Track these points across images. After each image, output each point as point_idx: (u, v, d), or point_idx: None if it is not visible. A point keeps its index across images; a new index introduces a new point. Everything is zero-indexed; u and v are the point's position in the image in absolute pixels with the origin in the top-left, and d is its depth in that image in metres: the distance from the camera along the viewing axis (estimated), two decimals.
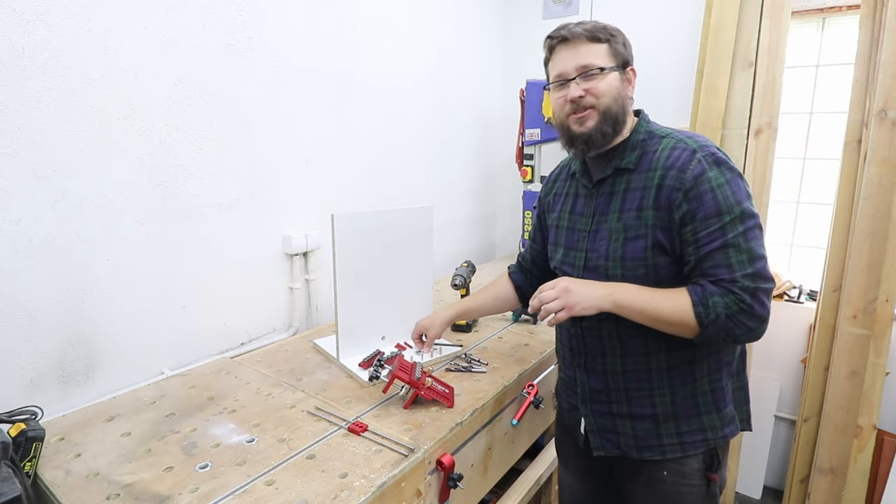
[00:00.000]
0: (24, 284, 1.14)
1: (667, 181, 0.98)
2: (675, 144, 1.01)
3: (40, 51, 1.11)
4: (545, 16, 2.60)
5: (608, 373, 1.09)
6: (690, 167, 0.96)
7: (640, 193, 1.01)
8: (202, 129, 1.43)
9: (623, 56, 1.04)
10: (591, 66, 1.01)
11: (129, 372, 1.35)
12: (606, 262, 1.04)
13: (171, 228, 1.40)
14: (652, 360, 1.05)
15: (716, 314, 0.93)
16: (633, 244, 1.01)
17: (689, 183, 0.95)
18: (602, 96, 1.01)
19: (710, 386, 1.06)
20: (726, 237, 0.94)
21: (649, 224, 0.99)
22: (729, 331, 0.94)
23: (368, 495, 0.90)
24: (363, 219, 1.38)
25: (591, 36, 1.02)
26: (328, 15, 1.76)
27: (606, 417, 1.11)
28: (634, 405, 1.08)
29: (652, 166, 1.01)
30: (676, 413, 1.06)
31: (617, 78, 1.02)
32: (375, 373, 1.25)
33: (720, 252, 0.94)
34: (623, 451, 1.10)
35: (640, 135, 1.05)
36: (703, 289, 0.94)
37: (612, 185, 1.06)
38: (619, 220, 1.03)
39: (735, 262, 0.94)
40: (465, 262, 1.79)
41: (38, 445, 0.94)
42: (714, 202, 0.94)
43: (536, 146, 2.28)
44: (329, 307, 1.83)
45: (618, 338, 1.06)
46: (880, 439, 1.90)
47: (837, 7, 2.03)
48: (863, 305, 1.84)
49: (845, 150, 1.86)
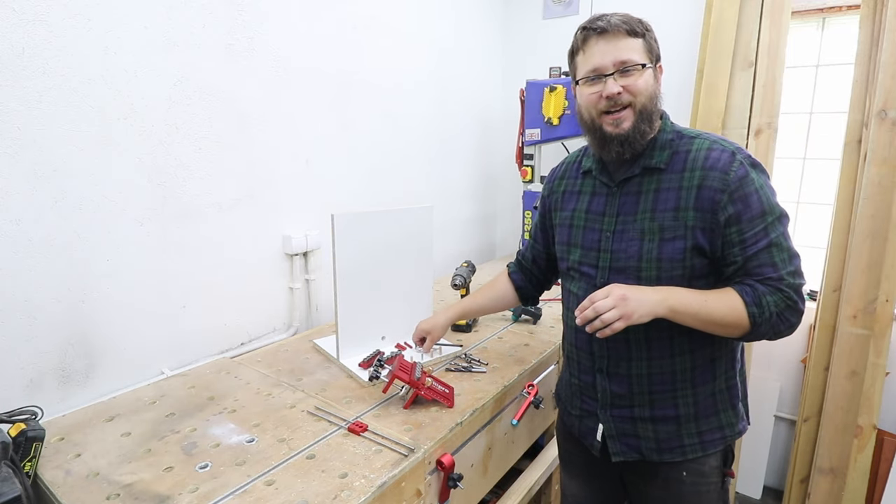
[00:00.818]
0: (24, 284, 1.14)
1: (708, 181, 0.96)
2: (711, 146, 0.99)
3: (40, 51, 1.11)
4: (545, 16, 2.60)
5: (633, 376, 1.06)
6: (733, 169, 0.95)
7: (676, 194, 0.99)
8: (202, 128, 1.43)
9: (656, 51, 1.01)
10: (630, 62, 0.97)
11: (129, 372, 1.35)
12: (639, 262, 1.01)
13: (171, 228, 1.40)
14: (677, 362, 1.04)
15: (770, 313, 0.94)
16: (671, 245, 0.99)
17: (734, 184, 0.95)
18: (640, 94, 0.98)
19: (727, 383, 1.08)
20: (770, 237, 0.95)
21: (689, 225, 0.97)
22: (776, 327, 0.95)
23: (368, 495, 0.90)
24: (363, 219, 1.38)
25: (629, 29, 0.97)
26: (328, 15, 1.76)
27: (627, 422, 1.09)
28: (657, 408, 1.06)
29: (688, 166, 0.99)
30: (697, 413, 1.06)
31: (652, 75, 1.00)
32: (375, 373, 1.25)
33: (766, 252, 0.95)
34: (643, 456, 1.08)
35: (669, 134, 1.04)
36: (754, 289, 0.95)
37: (639, 185, 1.04)
38: (654, 220, 1.00)
39: (779, 260, 0.95)
40: (465, 262, 1.79)
41: (38, 445, 0.94)
42: (759, 203, 0.95)
43: (536, 146, 2.28)
44: (329, 307, 1.83)
45: (645, 341, 1.04)
46: (880, 439, 1.90)
47: (837, 7, 2.04)
48: (863, 305, 1.84)
49: (845, 150, 1.86)
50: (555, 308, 1.90)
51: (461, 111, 2.53)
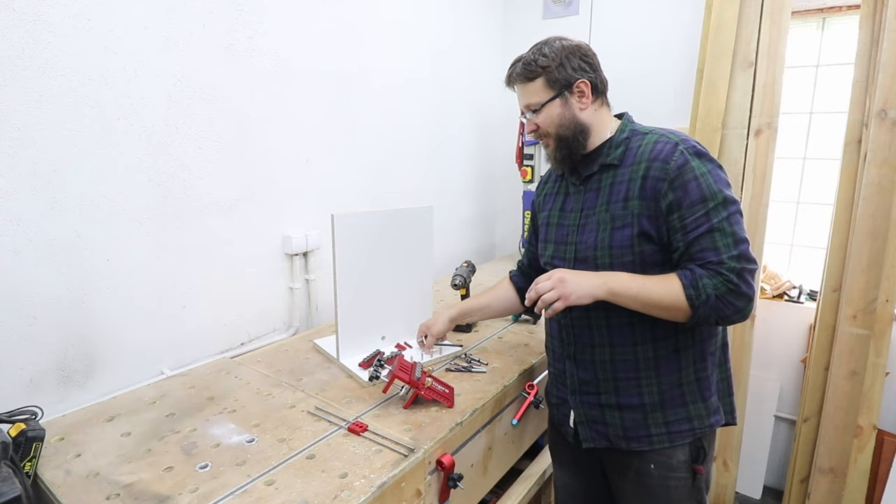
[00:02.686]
0: (24, 284, 1.14)
1: (651, 172, 1.03)
2: (658, 139, 1.06)
3: (40, 51, 1.11)
4: (545, 16, 2.60)
5: (597, 363, 1.12)
6: (674, 158, 1.01)
7: (626, 185, 1.06)
8: (202, 128, 1.43)
9: (561, 81, 1.09)
10: (531, 106, 1.12)
11: (129, 372, 1.35)
12: (595, 251, 1.09)
13: (171, 228, 1.40)
14: (639, 350, 1.09)
15: (706, 295, 0.97)
16: (621, 233, 1.06)
17: (674, 173, 1.00)
18: (548, 127, 1.12)
19: (696, 375, 1.10)
20: (711, 222, 0.99)
21: (635, 213, 1.04)
22: (719, 311, 0.99)
23: (368, 495, 0.90)
24: (363, 219, 1.38)
25: (524, 76, 1.11)
26: (328, 14, 1.76)
27: (595, 408, 1.15)
28: (623, 395, 1.11)
29: (636, 160, 1.06)
30: (663, 402, 1.09)
31: (558, 105, 1.10)
32: (375, 373, 1.25)
33: (707, 236, 0.99)
34: (611, 443, 1.13)
35: (624, 133, 1.12)
36: (693, 272, 0.99)
37: (598, 181, 1.12)
38: (607, 211, 1.08)
39: (721, 245, 0.99)
40: (465, 262, 1.79)
41: (38, 445, 0.94)
42: (698, 190, 1.00)
43: (536, 146, 2.28)
44: (329, 307, 1.83)
45: (606, 328, 1.10)
46: (880, 439, 1.90)
47: (837, 7, 2.04)
48: (863, 305, 1.84)
49: (845, 150, 1.86)
50: None
51: (461, 111, 2.53)
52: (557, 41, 1.11)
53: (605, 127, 1.14)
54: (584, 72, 1.10)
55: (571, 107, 1.10)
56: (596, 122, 1.13)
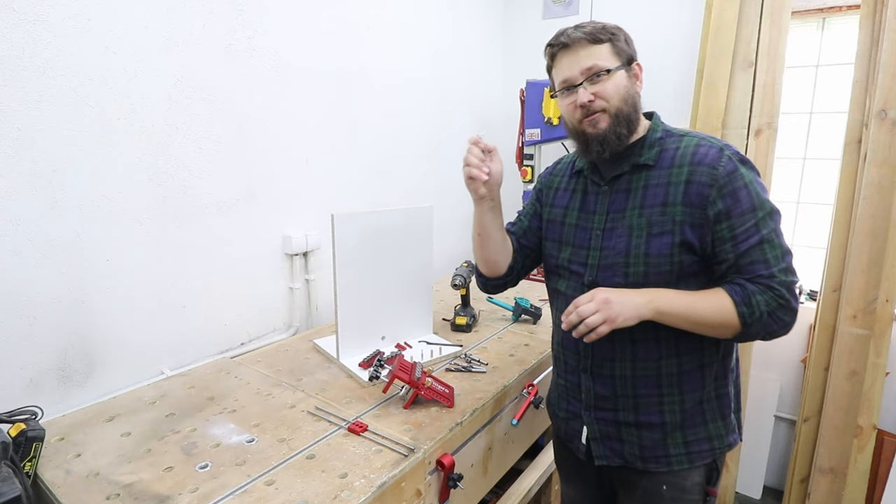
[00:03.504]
0: (24, 284, 1.14)
1: (696, 177, 0.96)
2: (699, 142, 1.00)
3: (40, 51, 1.11)
4: (545, 16, 2.60)
5: (616, 378, 1.05)
6: (721, 163, 0.95)
7: (665, 189, 0.98)
8: (202, 128, 1.43)
9: (627, 53, 1.01)
10: (596, 68, 0.98)
11: (129, 372, 1.35)
12: (626, 258, 1.00)
13: (171, 228, 1.40)
14: (663, 366, 1.02)
15: (760, 312, 0.92)
16: (659, 240, 0.98)
17: (723, 179, 0.94)
18: (611, 98, 0.99)
19: (717, 392, 1.05)
20: (761, 233, 0.93)
21: (677, 220, 0.96)
22: (768, 327, 0.94)
23: (368, 495, 0.90)
24: (363, 219, 1.38)
25: (591, 38, 0.99)
26: (328, 14, 1.76)
27: (611, 425, 1.07)
28: (642, 412, 1.04)
29: (676, 162, 0.99)
30: (684, 421, 1.03)
31: (624, 76, 1.00)
32: (375, 373, 1.25)
33: (757, 248, 0.94)
34: (626, 461, 1.06)
35: (658, 133, 1.04)
36: (744, 288, 0.93)
37: (628, 182, 1.04)
38: (641, 215, 1.00)
39: (771, 257, 0.93)
40: (465, 262, 1.78)
41: (38, 445, 0.94)
42: (748, 198, 0.94)
43: (536, 146, 2.28)
44: (329, 307, 1.83)
45: (630, 342, 1.02)
46: (880, 439, 1.90)
47: (837, 7, 2.03)
48: (863, 305, 1.84)
49: (845, 150, 1.86)
50: None
51: (461, 111, 2.53)
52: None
53: (641, 123, 1.05)
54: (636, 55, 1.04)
55: (632, 83, 1.01)
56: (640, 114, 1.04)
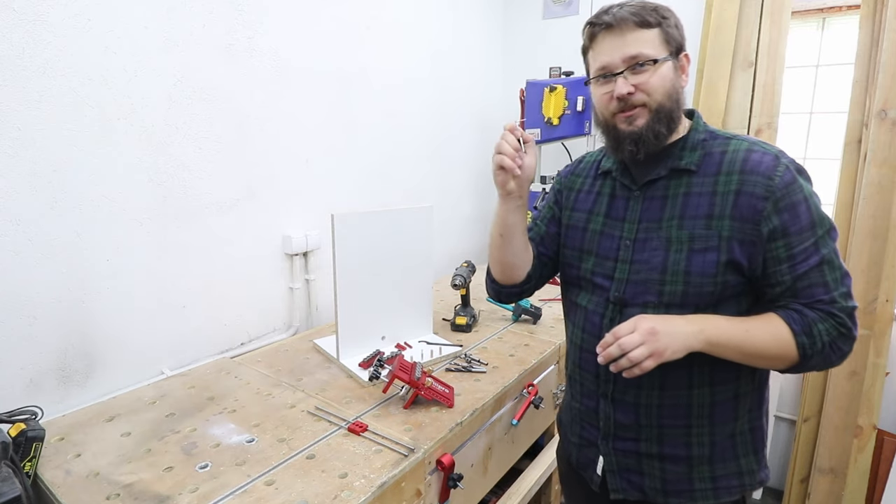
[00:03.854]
0: (24, 284, 1.14)
1: (747, 187, 0.85)
2: (751, 147, 0.88)
3: (40, 51, 1.11)
4: (545, 16, 2.60)
5: (641, 406, 0.94)
6: (777, 173, 0.84)
7: (709, 199, 0.88)
8: (202, 128, 1.43)
9: (677, 41, 0.90)
10: (641, 58, 0.87)
11: (129, 372, 1.35)
12: (662, 275, 0.89)
13: (171, 228, 1.40)
14: (695, 395, 0.91)
15: (822, 343, 0.82)
16: (702, 257, 0.87)
17: (780, 192, 0.83)
18: (654, 92, 0.87)
19: (750, 425, 0.95)
20: (821, 253, 0.83)
21: (724, 235, 0.86)
22: (828, 359, 0.84)
23: (368, 495, 0.90)
24: (363, 219, 1.38)
25: (640, 20, 0.86)
26: (328, 14, 1.76)
27: (632, 456, 0.97)
28: (667, 444, 0.94)
29: (723, 169, 0.88)
30: (713, 455, 0.93)
31: (671, 69, 0.88)
32: (375, 373, 1.25)
33: (816, 270, 0.84)
34: (646, 496, 0.97)
35: (701, 134, 0.93)
36: (803, 315, 0.83)
37: (665, 188, 0.92)
38: (682, 227, 0.89)
39: (831, 279, 0.84)
40: (465, 262, 1.78)
41: (38, 445, 0.94)
42: (808, 214, 0.84)
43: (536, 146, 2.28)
44: (329, 307, 1.83)
45: (659, 368, 0.86)
46: (880, 439, 1.90)
47: (837, 7, 2.03)
48: (863, 305, 1.84)
49: (845, 150, 1.86)
50: (555, 308, 1.90)
51: (461, 111, 2.53)
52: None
53: (682, 122, 0.94)
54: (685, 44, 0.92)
55: (678, 77, 0.90)
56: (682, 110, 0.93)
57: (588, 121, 2.12)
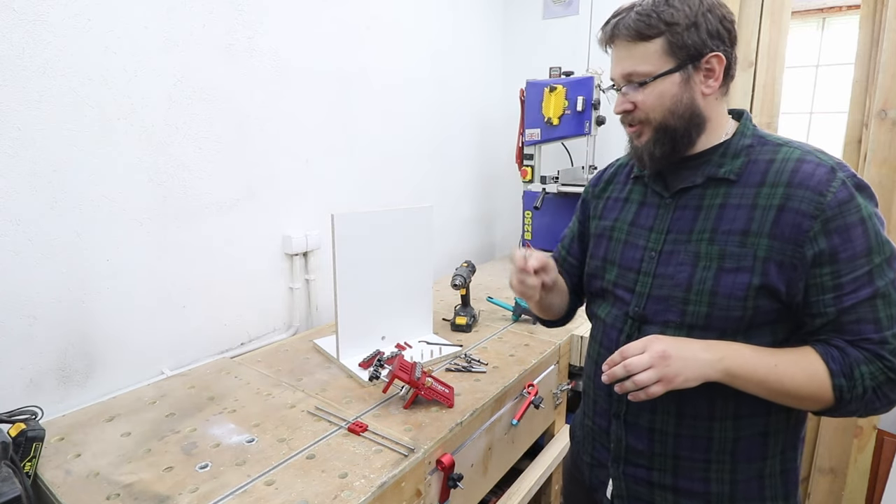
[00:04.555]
0: (24, 284, 1.14)
1: (793, 202, 0.75)
2: (803, 156, 0.78)
3: (40, 51, 1.11)
4: (545, 16, 2.60)
5: (656, 432, 0.86)
6: (831, 189, 0.74)
7: (748, 213, 0.79)
8: (202, 128, 1.43)
9: (689, 48, 0.79)
10: (634, 76, 0.82)
11: (129, 372, 1.35)
12: (686, 293, 0.81)
13: (171, 228, 1.40)
14: (717, 428, 0.83)
15: (863, 388, 0.72)
16: (732, 278, 0.78)
17: (832, 210, 0.73)
18: (651, 111, 0.82)
19: (782, 466, 0.85)
20: (876, 285, 0.73)
21: (760, 256, 0.76)
22: (871, 405, 0.74)
23: (368, 495, 0.90)
24: (363, 219, 1.38)
25: (635, 34, 0.79)
26: (328, 14, 1.76)
27: (643, 485, 0.89)
28: (682, 477, 0.85)
29: (768, 180, 0.79)
30: (734, 495, 0.84)
31: (675, 83, 0.80)
32: (375, 373, 1.25)
33: (867, 304, 0.73)
34: None
35: (747, 139, 0.84)
36: (844, 354, 0.73)
37: (699, 198, 0.84)
38: (713, 242, 0.80)
39: (884, 316, 0.73)
40: (465, 262, 1.78)
41: (38, 445, 0.94)
42: (864, 239, 0.73)
43: (536, 146, 2.28)
44: (329, 307, 1.83)
45: (676, 393, 0.78)
46: (880, 439, 1.90)
47: (837, 7, 2.03)
48: None
49: (845, 150, 1.86)
50: None
51: (461, 111, 2.53)
52: None
53: (722, 125, 0.85)
54: (720, 42, 0.79)
55: (693, 88, 0.80)
56: (715, 116, 0.84)
57: (588, 121, 2.12)
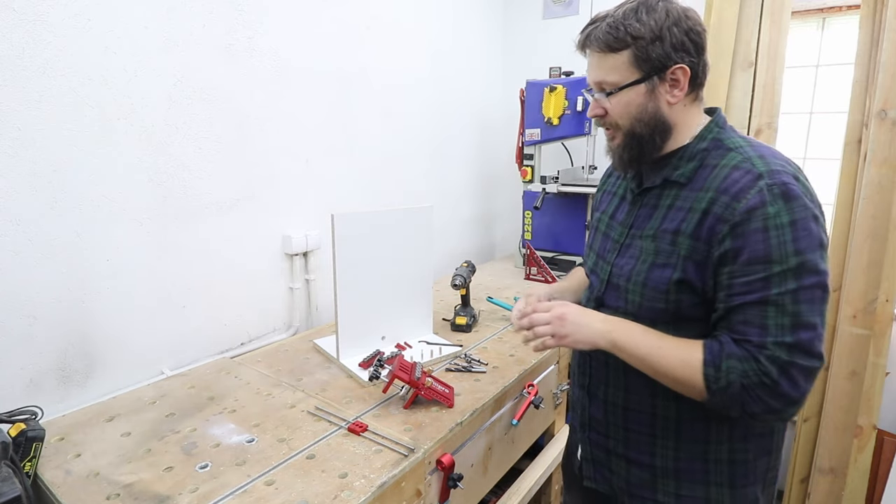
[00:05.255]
0: (24, 284, 1.14)
1: (715, 207, 0.81)
2: (739, 163, 0.82)
3: (40, 51, 1.11)
4: (545, 16, 2.60)
5: (609, 403, 0.97)
6: (747, 196, 0.78)
7: (683, 215, 0.85)
8: (202, 128, 1.43)
9: (653, 61, 0.84)
10: (603, 85, 0.88)
11: (129, 372, 1.35)
12: (627, 283, 0.91)
13: (171, 228, 1.40)
14: (659, 405, 0.90)
15: (727, 381, 0.77)
16: (660, 272, 0.86)
17: (740, 216, 0.77)
18: (620, 117, 0.88)
19: (730, 456, 0.89)
20: (769, 292, 0.76)
21: (682, 255, 0.84)
22: (745, 405, 0.78)
23: (368, 495, 0.90)
24: (363, 219, 1.38)
25: (607, 44, 0.84)
26: (329, 14, 1.76)
27: (602, 451, 1.01)
28: (632, 448, 0.95)
29: (704, 185, 0.84)
30: (679, 471, 0.91)
31: (640, 93, 0.86)
32: (375, 373, 1.25)
33: (755, 308, 0.77)
34: (614, 491, 1.00)
35: (704, 142, 0.88)
36: (722, 347, 0.79)
37: (657, 198, 0.91)
38: (654, 240, 0.89)
39: (772, 324, 0.76)
40: (465, 262, 1.78)
41: (38, 445, 0.94)
42: (764, 245, 0.76)
43: (536, 146, 2.28)
44: (329, 307, 1.83)
45: (623, 370, 0.91)
46: (880, 439, 1.90)
47: (837, 7, 2.03)
48: (863, 305, 1.84)
49: (845, 150, 1.86)
50: None
51: (461, 111, 2.53)
52: (662, 4, 0.83)
53: (690, 128, 0.90)
54: (685, 53, 0.85)
55: (658, 98, 0.86)
56: (682, 121, 0.89)
57: (588, 121, 2.12)
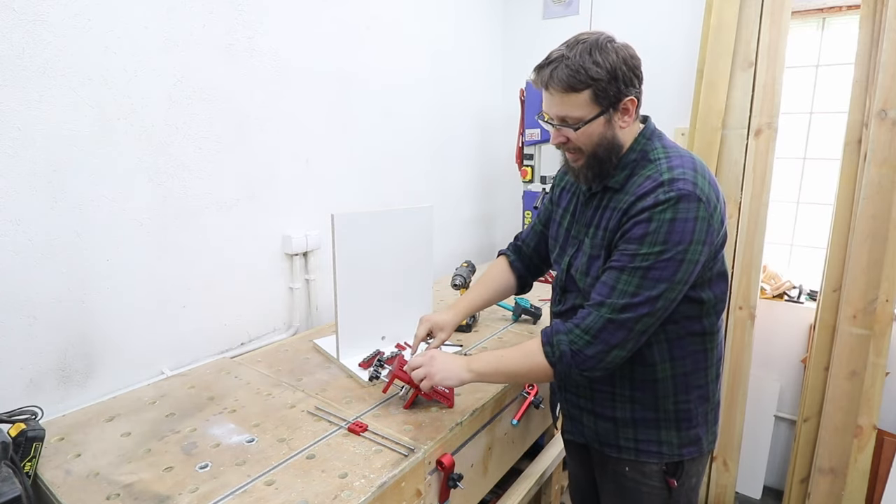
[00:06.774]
0: (24, 284, 1.14)
1: (627, 207, 0.97)
2: (652, 173, 0.97)
3: (40, 51, 1.11)
4: (545, 16, 2.60)
5: None
6: (647, 198, 0.94)
7: (611, 214, 1.02)
8: (202, 128, 1.43)
9: (610, 97, 0.96)
10: (568, 119, 0.99)
11: (129, 372, 1.35)
12: (577, 274, 1.08)
13: (171, 228, 1.40)
14: (616, 374, 1.06)
15: (560, 351, 0.96)
16: (595, 262, 1.03)
17: (635, 210, 0.95)
18: (584, 145, 1.00)
19: (675, 406, 1.07)
20: (631, 264, 0.92)
21: (604, 244, 1.02)
22: (581, 365, 0.95)
23: (368, 495, 0.90)
24: (363, 219, 1.38)
25: (568, 84, 0.94)
26: (329, 14, 1.76)
27: (574, 408, 1.18)
28: (597, 404, 1.12)
29: (630, 190, 0.99)
30: (635, 421, 1.09)
31: (600, 124, 0.98)
32: (375, 373, 1.25)
33: (613, 273, 0.94)
34: (587, 441, 1.18)
35: (634, 154, 1.02)
36: (552, 328, 0.99)
37: (600, 199, 1.07)
38: (595, 236, 1.05)
39: (619, 289, 0.93)
40: (465, 262, 1.79)
41: (38, 445, 0.94)
42: (643, 231, 0.92)
43: (536, 146, 2.28)
44: (329, 307, 1.83)
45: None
46: (880, 439, 1.90)
47: (837, 7, 2.03)
48: (863, 305, 1.84)
49: (845, 150, 1.86)
50: None
51: (461, 111, 2.53)
52: (610, 45, 0.94)
53: (628, 141, 1.04)
54: (632, 87, 0.97)
55: (613, 125, 0.99)
56: (628, 139, 1.03)
57: None
